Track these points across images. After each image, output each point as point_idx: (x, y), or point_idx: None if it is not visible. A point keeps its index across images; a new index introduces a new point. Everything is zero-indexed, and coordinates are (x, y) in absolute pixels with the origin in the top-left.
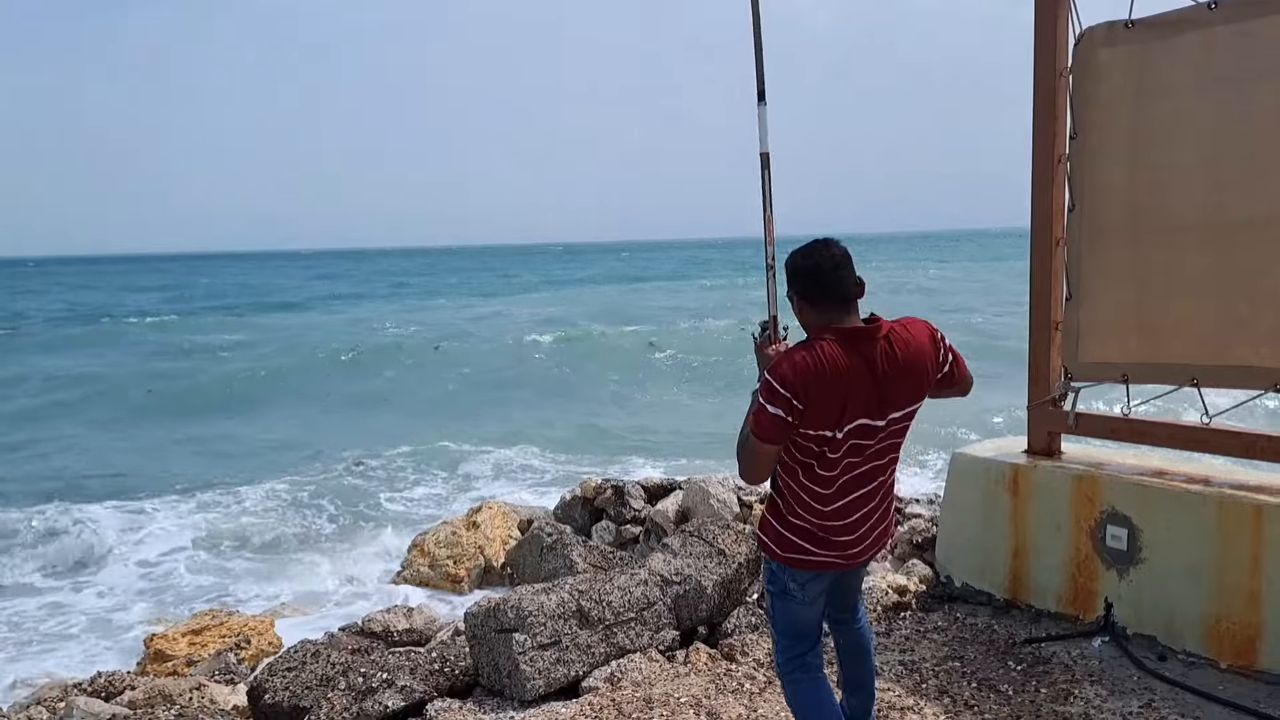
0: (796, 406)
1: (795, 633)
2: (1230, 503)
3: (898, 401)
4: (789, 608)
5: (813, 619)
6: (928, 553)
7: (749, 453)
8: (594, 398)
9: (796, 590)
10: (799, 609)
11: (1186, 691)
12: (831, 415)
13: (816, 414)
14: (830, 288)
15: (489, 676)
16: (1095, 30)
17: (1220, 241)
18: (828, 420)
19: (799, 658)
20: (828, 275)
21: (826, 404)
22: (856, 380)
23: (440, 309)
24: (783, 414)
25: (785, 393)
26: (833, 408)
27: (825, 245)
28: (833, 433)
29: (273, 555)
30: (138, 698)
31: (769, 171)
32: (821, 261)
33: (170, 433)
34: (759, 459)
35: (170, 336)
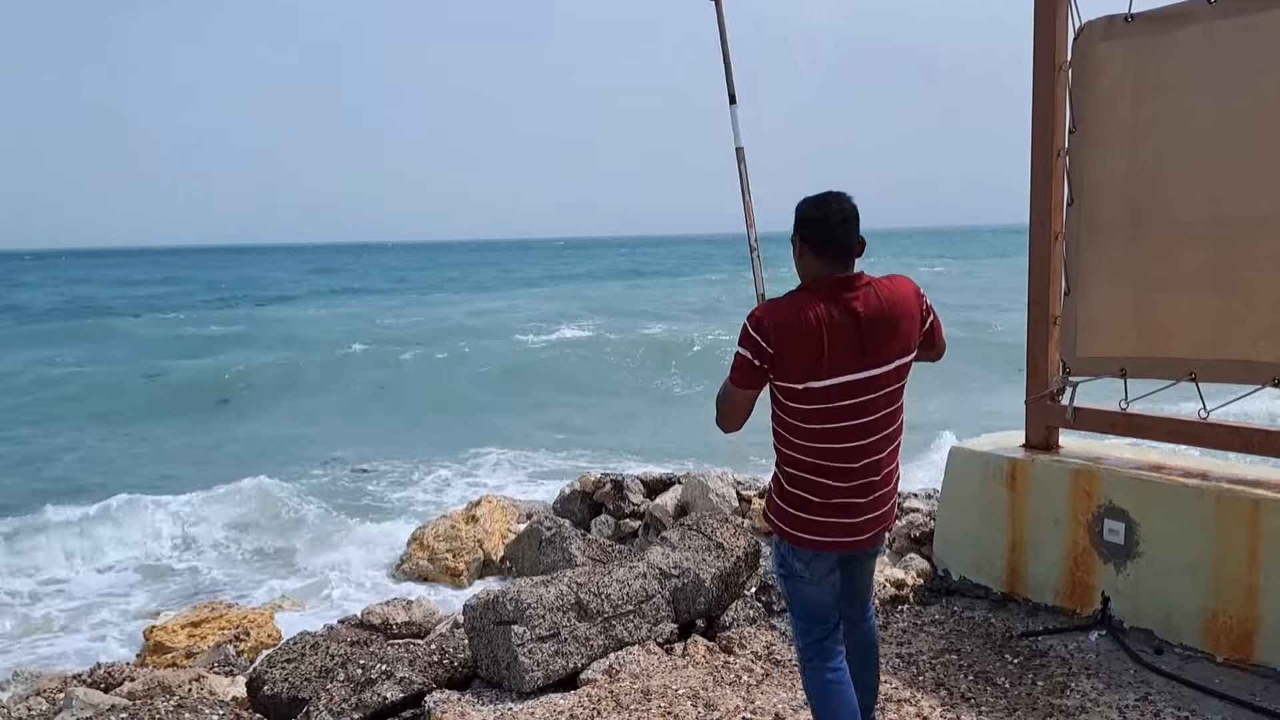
0: (766, 350)
1: (810, 615)
2: (1228, 497)
3: (883, 352)
4: (799, 589)
5: (825, 600)
6: (925, 546)
7: (725, 398)
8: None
9: (803, 570)
10: (809, 589)
11: (1183, 685)
12: (808, 363)
13: (790, 361)
14: (834, 240)
15: (488, 668)
16: (1095, 24)
17: (1219, 236)
18: (805, 369)
19: (817, 643)
20: (834, 228)
21: (800, 351)
22: (837, 330)
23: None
24: (750, 356)
25: (755, 335)
26: (808, 355)
27: (837, 198)
28: (814, 384)
29: (271, 548)
30: (137, 689)
31: (744, 165)
32: (830, 213)
33: (167, 426)
34: (731, 403)
35: (168, 330)
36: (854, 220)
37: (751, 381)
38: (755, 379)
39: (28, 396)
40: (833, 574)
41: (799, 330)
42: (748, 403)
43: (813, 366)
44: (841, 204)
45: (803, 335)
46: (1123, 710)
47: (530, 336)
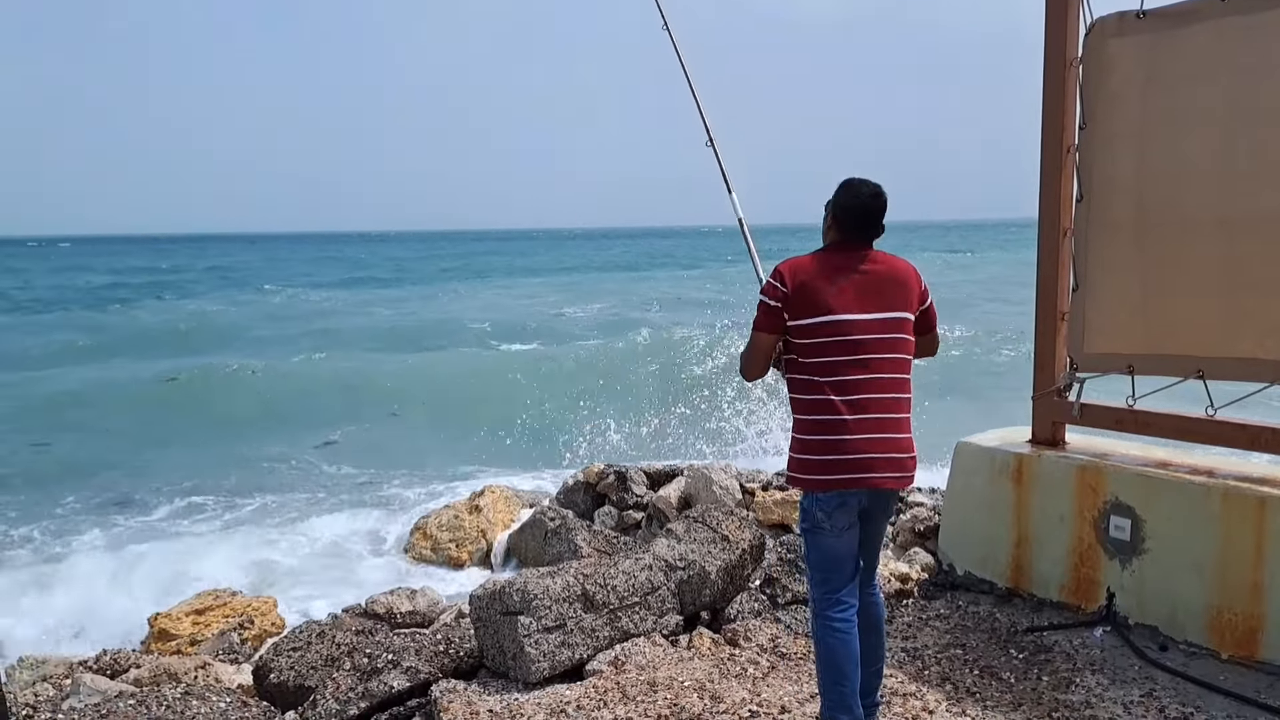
0: (781, 290)
1: (827, 565)
2: (1234, 494)
3: (885, 300)
4: (819, 540)
5: (842, 552)
6: (930, 541)
7: (749, 347)
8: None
9: (824, 520)
10: (829, 541)
11: (1187, 681)
12: (819, 299)
13: (804, 300)
14: (858, 222)
15: (494, 658)
16: (1106, 20)
17: (1227, 234)
18: (816, 304)
19: (830, 595)
20: (860, 215)
21: (812, 288)
22: (845, 276)
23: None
24: (768, 299)
25: (773, 281)
26: (819, 293)
27: (874, 192)
28: (823, 319)
29: (274, 535)
30: (143, 675)
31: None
32: (864, 201)
33: (175, 420)
34: (755, 349)
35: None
36: (880, 213)
37: (770, 324)
38: (773, 320)
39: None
40: (852, 529)
41: (811, 272)
42: (769, 347)
43: (823, 304)
44: (870, 187)
45: (814, 276)
46: (1127, 706)
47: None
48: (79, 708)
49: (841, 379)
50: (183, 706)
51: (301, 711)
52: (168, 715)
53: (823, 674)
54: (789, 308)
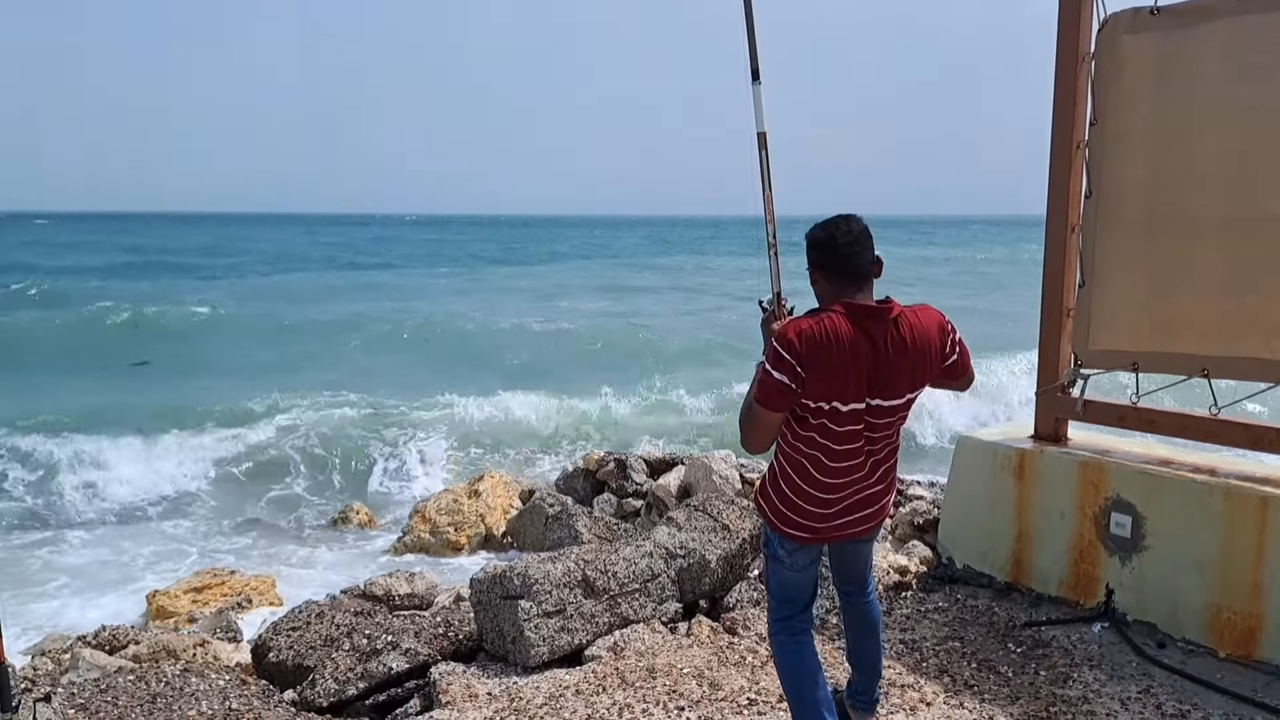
0: (800, 374)
1: (783, 596)
2: (1236, 493)
3: (896, 386)
4: (779, 571)
5: (800, 584)
6: (929, 534)
7: (752, 420)
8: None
9: (785, 556)
10: (787, 574)
11: (1185, 679)
12: (834, 387)
13: (819, 383)
14: (844, 262)
15: (493, 642)
16: (1120, 16)
17: (1236, 233)
18: (830, 391)
19: (784, 620)
20: (842, 249)
21: (829, 374)
22: (860, 356)
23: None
24: (786, 380)
25: (789, 358)
26: (835, 379)
27: (845, 221)
28: (834, 405)
29: (275, 517)
30: (142, 652)
31: (766, 151)
32: (838, 235)
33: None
34: (761, 426)
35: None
36: (863, 240)
37: (782, 405)
38: (785, 402)
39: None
40: (813, 566)
41: (829, 354)
42: (775, 425)
43: (837, 391)
44: (849, 226)
45: (833, 361)
46: (1124, 702)
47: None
48: (78, 682)
49: (835, 465)
50: (182, 683)
51: (300, 691)
52: (167, 692)
53: (785, 691)
54: (807, 390)
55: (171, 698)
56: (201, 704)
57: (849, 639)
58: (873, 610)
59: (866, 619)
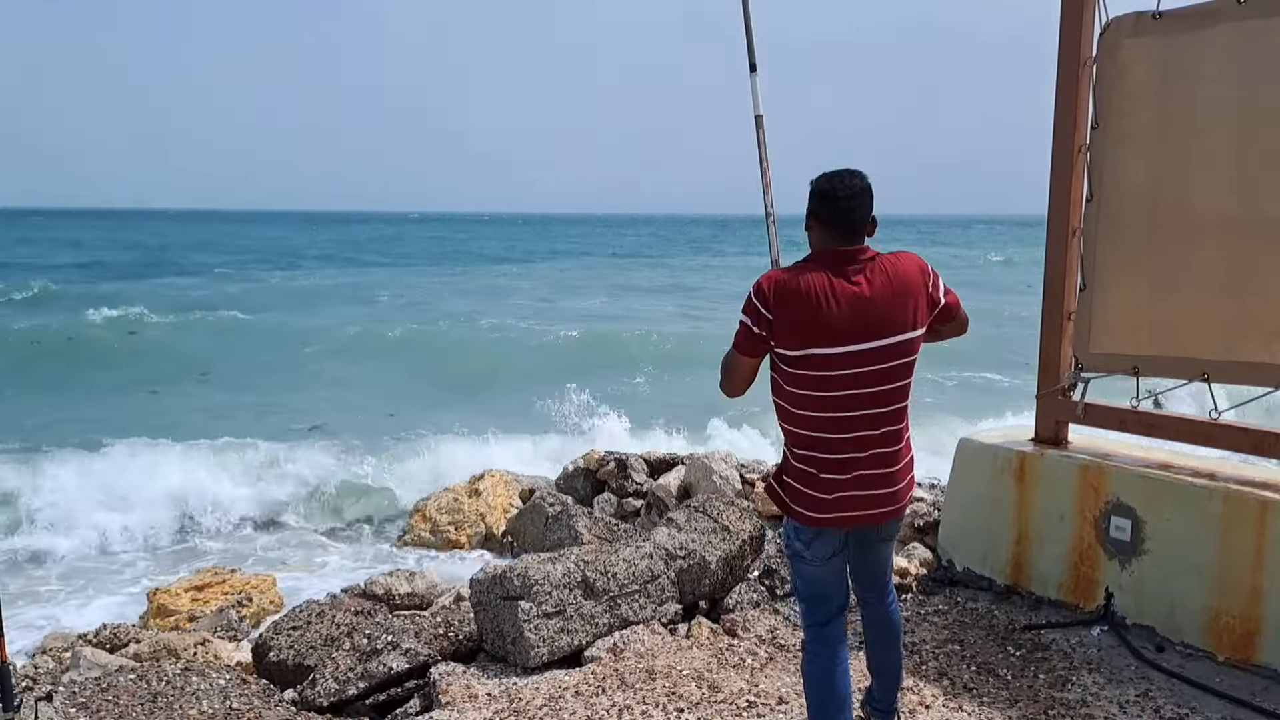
0: (765, 315)
1: (810, 595)
2: (1235, 498)
3: (882, 326)
4: (801, 569)
5: (824, 581)
6: (929, 536)
7: (726, 363)
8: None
9: (804, 550)
10: (810, 570)
11: (1183, 682)
12: (809, 331)
13: (788, 326)
14: (840, 213)
15: (493, 642)
16: (1122, 20)
17: (1238, 237)
18: (805, 336)
19: (818, 627)
20: (840, 202)
21: (800, 317)
22: (836, 300)
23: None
24: (750, 322)
25: (755, 301)
26: (807, 322)
27: (848, 174)
28: (815, 351)
29: (274, 514)
30: (143, 650)
31: (763, 132)
32: (838, 187)
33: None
34: (733, 369)
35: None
36: (862, 196)
37: (751, 349)
38: (755, 346)
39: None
40: (835, 558)
41: (798, 297)
42: (749, 370)
43: (810, 334)
44: (851, 181)
45: (802, 302)
46: (1123, 705)
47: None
48: (79, 681)
49: (829, 415)
50: (182, 682)
51: (301, 690)
52: (168, 690)
53: (808, 702)
54: (774, 334)
55: (172, 696)
56: (202, 703)
57: (869, 650)
58: (894, 619)
59: (888, 629)
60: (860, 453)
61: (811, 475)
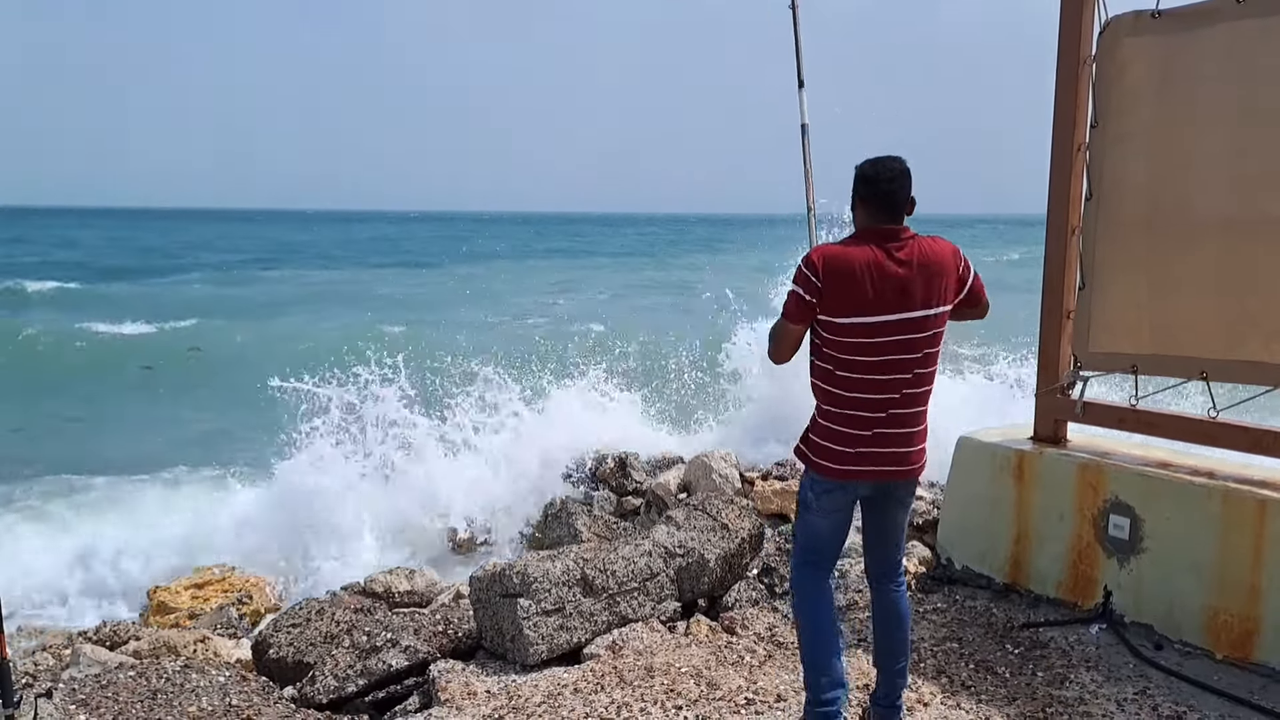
0: (814, 284)
1: (807, 544)
2: (1234, 496)
3: (920, 298)
4: (807, 519)
5: (825, 533)
6: (927, 535)
7: (776, 332)
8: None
9: (813, 500)
10: (815, 520)
11: (1181, 680)
12: (852, 299)
13: (835, 296)
14: (882, 195)
15: (492, 640)
16: (1121, 19)
17: (1237, 236)
18: (851, 305)
19: (803, 566)
20: (883, 184)
21: (847, 286)
22: (880, 271)
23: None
24: (801, 291)
25: (806, 271)
26: (853, 291)
27: (890, 160)
28: (859, 320)
29: (274, 511)
30: (143, 648)
31: (808, 139)
32: (881, 171)
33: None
34: (783, 337)
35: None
36: (902, 179)
37: (801, 315)
38: (804, 313)
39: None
40: (839, 514)
41: (846, 268)
42: (797, 337)
43: (856, 302)
44: (892, 164)
45: (849, 272)
46: (1121, 703)
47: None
48: (79, 678)
49: (865, 378)
50: (182, 679)
51: (300, 687)
52: (167, 688)
53: (798, 625)
54: (822, 302)
55: (172, 694)
56: (202, 700)
57: (876, 635)
58: (901, 601)
59: (895, 610)
60: (884, 412)
61: (838, 432)
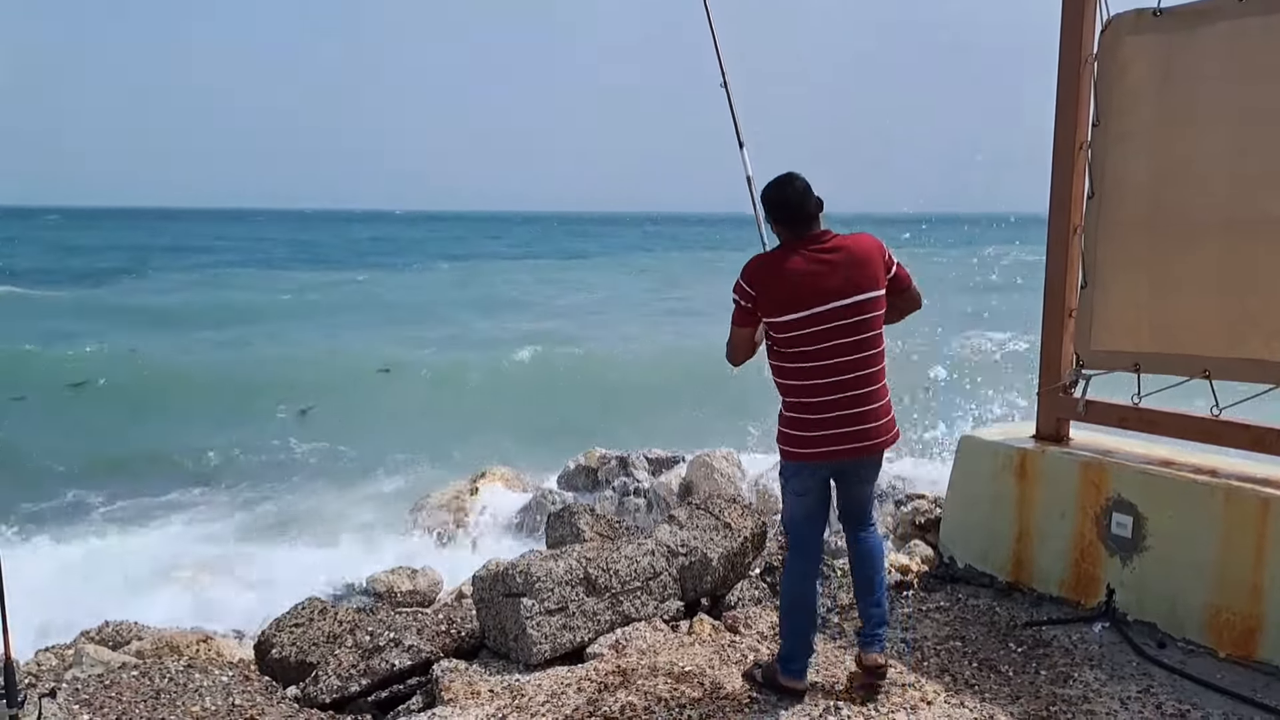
0: (749, 292)
1: (792, 521)
2: (1236, 495)
3: (851, 285)
4: (789, 501)
5: (805, 512)
6: (930, 534)
7: (730, 339)
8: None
9: (785, 483)
10: (792, 500)
11: (1185, 679)
12: (787, 299)
13: (770, 300)
14: (796, 211)
15: (495, 639)
16: (1122, 17)
17: (1238, 235)
18: (784, 303)
19: (794, 549)
20: (792, 202)
21: (777, 291)
22: (808, 270)
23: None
24: (739, 299)
25: (741, 281)
26: (784, 292)
27: (790, 180)
28: (795, 315)
29: (276, 511)
30: (145, 648)
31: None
32: (789, 194)
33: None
34: (734, 342)
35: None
36: (806, 193)
37: (745, 320)
38: (745, 317)
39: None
40: (810, 494)
41: (776, 273)
42: (747, 339)
43: (788, 300)
44: (794, 184)
45: (779, 276)
46: (1124, 701)
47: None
48: (82, 678)
49: (811, 365)
50: (185, 679)
51: (303, 687)
52: (170, 688)
53: (780, 604)
54: (759, 306)
55: (175, 693)
56: (205, 700)
57: (854, 574)
58: (871, 539)
59: (866, 547)
60: (835, 395)
61: (798, 419)
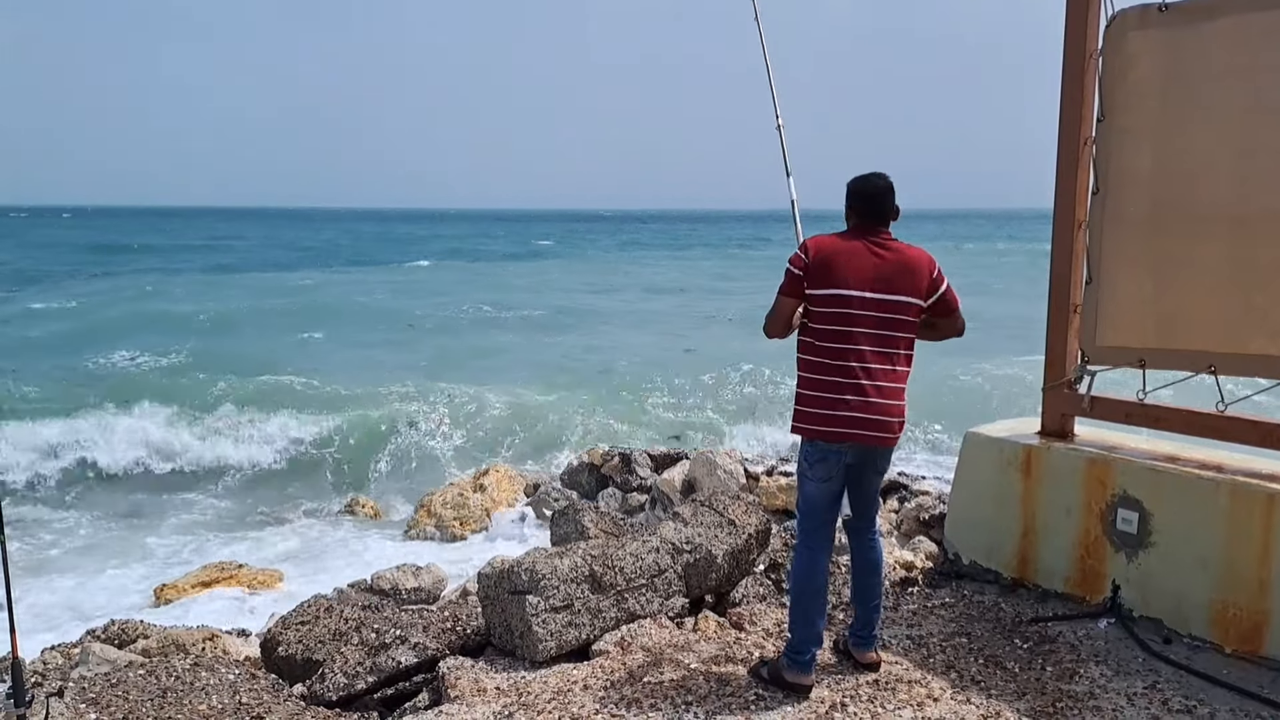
0: (805, 261)
1: (807, 509)
2: (1242, 490)
3: (896, 285)
4: (804, 486)
5: (821, 499)
6: (935, 530)
7: (773, 308)
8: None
9: (808, 469)
10: (810, 487)
11: (1191, 674)
12: (837, 276)
13: (821, 270)
14: (872, 206)
15: (501, 637)
16: (1128, 13)
17: (1244, 230)
18: (833, 279)
19: (806, 533)
20: (872, 198)
21: (832, 264)
22: (862, 255)
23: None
24: (793, 268)
25: (799, 252)
26: (836, 270)
27: (876, 176)
28: (839, 292)
29: (278, 510)
30: (151, 646)
31: (791, 179)
32: (868, 187)
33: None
34: (778, 311)
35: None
36: (889, 193)
37: (793, 289)
38: (795, 286)
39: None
40: (830, 481)
41: (833, 249)
42: (791, 311)
43: (835, 277)
44: (879, 180)
45: (834, 252)
46: (1130, 697)
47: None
48: (89, 676)
49: (842, 347)
50: (192, 677)
51: (309, 685)
52: (177, 686)
53: (790, 589)
54: (809, 277)
55: (182, 692)
56: (211, 698)
57: (853, 578)
58: (875, 550)
59: (869, 557)
60: (861, 380)
61: (821, 398)
